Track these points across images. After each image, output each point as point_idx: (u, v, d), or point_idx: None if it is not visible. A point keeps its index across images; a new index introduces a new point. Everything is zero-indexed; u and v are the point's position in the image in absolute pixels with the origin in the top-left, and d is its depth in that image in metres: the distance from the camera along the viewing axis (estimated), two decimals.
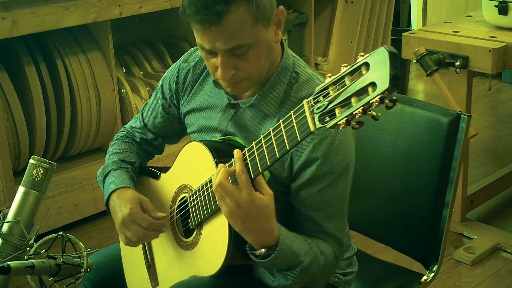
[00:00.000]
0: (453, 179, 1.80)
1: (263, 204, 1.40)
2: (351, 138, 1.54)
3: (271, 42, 1.49)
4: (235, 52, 1.45)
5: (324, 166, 1.48)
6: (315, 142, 1.48)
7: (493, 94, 4.81)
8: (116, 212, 1.65)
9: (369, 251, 2.04)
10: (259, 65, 1.48)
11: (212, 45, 1.44)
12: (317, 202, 1.52)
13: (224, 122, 1.61)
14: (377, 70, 1.11)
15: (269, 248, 1.44)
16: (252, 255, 1.46)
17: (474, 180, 3.42)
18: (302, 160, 1.49)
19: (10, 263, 1.37)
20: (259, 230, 1.42)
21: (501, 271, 2.81)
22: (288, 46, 1.61)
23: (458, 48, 2.76)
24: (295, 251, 1.47)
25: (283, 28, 1.54)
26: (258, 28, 1.44)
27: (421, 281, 1.86)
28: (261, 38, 1.45)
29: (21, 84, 3.08)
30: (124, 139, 1.85)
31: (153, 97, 1.80)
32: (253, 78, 1.50)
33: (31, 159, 1.53)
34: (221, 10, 1.39)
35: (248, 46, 1.44)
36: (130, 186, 1.70)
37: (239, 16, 1.40)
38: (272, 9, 1.47)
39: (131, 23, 3.62)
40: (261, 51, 1.47)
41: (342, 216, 1.57)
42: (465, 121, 1.78)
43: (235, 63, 1.46)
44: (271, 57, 1.52)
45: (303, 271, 1.49)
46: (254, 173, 1.38)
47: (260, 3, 1.42)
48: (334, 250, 1.55)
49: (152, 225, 1.61)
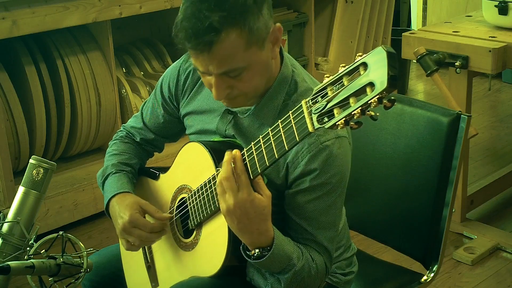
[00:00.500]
0: (453, 179, 1.80)
1: (261, 205, 1.39)
2: (348, 150, 1.53)
3: (267, 60, 1.47)
4: (229, 74, 1.44)
5: (320, 177, 1.48)
6: (311, 154, 1.47)
7: (493, 94, 4.81)
8: (116, 218, 1.65)
9: (369, 251, 2.04)
10: (254, 83, 1.47)
11: (205, 68, 1.44)
12: (310, 212, 1.51)
13: (222, 126, 1.60)
14: (375, 70, 1.11)
15: (263, 249, 1.44)
16: (246, 256, 1.46)
17: (474, 180, 3.42)
18: (298, 172, 1.48)
19: (10, 263, 1.37)
20: (254, 231, 1.41)
21: (501, 271, 2.81)
22: (288, 46, 1.60)
23: (458, 48, 2.76)
24: (289, 254, 1.47)
25: (279, 44, 1.50)
26: (251, 51, 1.42)
27: (421, 281, 1.86)
28: (255, 59, 1.44)
29: (21, 84, 3.08)
30: (124, 139, 1.85)
31: (153, 97, 1.80)
32: (248, 95, 1.49)
33: (31, 159, 1.53)
34: (211, 40, 1.37)
35: (242, 69, 1.43)
36: (130, 190, 1.70)
37: (230, 43, 1.39)
38: (267, 29, 1.44)
39: (131, 23, 3.62)
40: (255, 71, 1.45)
41: (333, 227, 1.56)
42: (465, 121, 1.78)
43: (229, 83, 1.45)
44: (268, 73, 1.50)
45: (295, 275, 1.48)
46: (253, 174, 1.38)
47: (254, 27, 1.40)
48: (325, 260, 1.55)
49: (154, 229, 1.61)
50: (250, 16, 1.39)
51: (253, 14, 1.39)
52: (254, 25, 1.39)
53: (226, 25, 1.37)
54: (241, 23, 1.38)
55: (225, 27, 1.37)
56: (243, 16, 1.38)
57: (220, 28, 1.37)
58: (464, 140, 1.79)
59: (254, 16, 1.40)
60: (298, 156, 1.47)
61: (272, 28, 1.45)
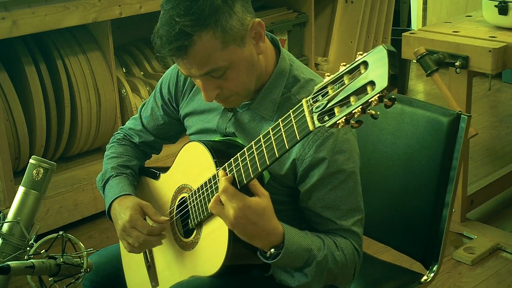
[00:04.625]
0: (453, 179, 1.80)
1: (260, 207, 1.40)
2: (352, 136, 1.54)
3: (251, 57, 1.47)
4: (212, 74, 1.45)
5: (331, 166, 1.48)
6: (317, 143, 1.47)
7: (493, 94, 4.81)
8: (117, 219, 1.65)
9: (369, 251, 2.04)
10: (241, 81, 1.48)
11: (188, 72, 1.46)
12: (330, 202, 1.52)
13: (223, 125, 1.61)
14: (376, 68, 1.11)
15: (277, 247, 1.44)
16: (264, 258, 1.47)
17: (474, 180, 3.42)
18: (307, 163, 1.49)
19: (10, 263, 1.37)
20: (262, 233, 1.42)
21: (501, 271, 2.81)
22: (288, 46, 1.60)
23: (458, 48, 2.76)
24: (305, 246, 1.47)
25: (264, 38, 1.50)
26: (230, 49, 1.43)
27: (421, 281, 1.86)
28: (237, 57, 1.44)
29: (21, 84, 3.08)
30: (121, 141, 1.85)
31: (152, 99, 1.80)
32: (240, 93, 1.50)
33: (31, 159, 1.53)
34: (184, 44, 1.39)
35: (224, 68, 1.44)
36: (131, 192, 1.70)
37: (204, 44, 1.40)
38: (243, 26, 1.44)
39: (131, 23, 3.61)
40: (240, 69, 1.46)
41: (358, 211, 1.56)
42: (465, 121, 1.78)
43: (216, 83, 1.47)
44: (257, 69, 1.50)
45: (319, 266, 1.48)
46: (253, 173, 1.38)
47: (227, 26, 1.41)
48: (352, 243, 1.55)
49: (153, 231, 1.61)
50: (221, 16, 1.40)
51: (224, 13, 1.40)
52: (226, 24, 1.41)
53: (196, 28, 1.39)
54: (212, 24, 1.39)
55: (196, 31, 1.39)
56: (213, 17, 1.39)
57: (191, 32, 1.39)
58: (464, 140, 1.78)
59: (225, 15, 1.41)
60: (305, 148, 1.48)
61: (251, 24, 1.45)
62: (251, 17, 1.46)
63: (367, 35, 4.45)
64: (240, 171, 1.41)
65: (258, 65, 1.50)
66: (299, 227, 1.51)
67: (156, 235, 1.62)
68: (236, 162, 1.42)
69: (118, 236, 1.66)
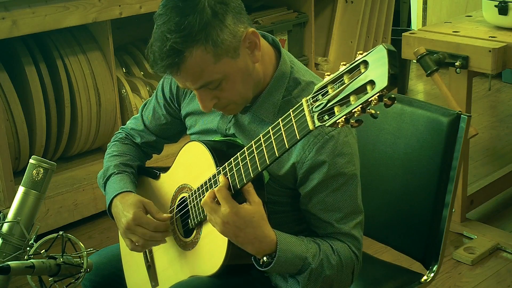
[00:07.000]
0: (453, 179, 1.80)
1: (248, 213, 1.40)
2: (353, 139, 1.54)
3: (246, 66, 1.47)
4: (208, 87, 1.45)
5: (332, 169, 1.48)
6: (318, 146, 1.47)
7: (493, 94, 4.81)
8: (119, 217, 1.64)
9: (369, 251, 2.03)
10: (237, 91, 1.48)
11: (183, 85, 1.47)
12: (330, 204, 1.51)
13: (223, 126, 1.61)
14: (376, 68, 1.11)
15: (269, 256, 1.45)
16: (257, 265, 1.47)
17: (474, 180, 3.42)
18: (307, 165, 1.49)
19: (10, 263, 1.37)
20: (253, 240, 1.42)
21: (501, 271, 2.81)
22: (288, 46, 1.60)
23: (458, 48, 2.76)
24: (300, 254, 1.47)
25: (260, 47, 1.48)
26: (223, 62, 1.42)
27: (421, 281, 1.86)
28: (231, 69, 1.44)
29: (21, 84, 3.08)
30: (123, 140, 1.85)
31: (153, 98, 1.80)
32: (237, 102, 1.50)
33: (31, 159, 1.53)
34: (175, 62, 1.40)
35: (219, 80, 1.44)
36: (132, 190, 1.70)
37: (196, 60, 1.40)
38: (236, 38, 1.43)
39: (131, 23, 3.62)
40: (235, 80, 1.46)
41: (358, 214, 1.56)
42: (465, 121, 1.78)
43: (212, 94, 1.47)
44: (253, 77, 1.50)
45: (313, 274, 1.48)
46: (253, 172, 1.38)
47: (218, 40, 1.40)
48: (352, 248, 1.54)
49: (158, 227, 1.61)
50: (212, 30, 1.40)
51: (215, 28, 1.40)
52: (217, 38, 1.40)
53: (186, 44, 1.39)
54: (202, 40, 1.39)
55: (187, 47, 1.39)
56: (203, 32, 1.39)
57: (181, 49, 1.39)
58: (464, 140, 1.78)
59: (216, 29, 1.40)
60: (305, 150, 1.48)
61: (244, 34, 1.45)
62: (244, 27, 1.45)
63: (367, 35, 4.45)
64: (240, 170, 1.41)
65: (254, 73, 1.50)
66: (298, 228, 1.50)
67: (161, 232, 1.62)
68: (236, 161, 1.42)
69: (121, 234, 1.66)
